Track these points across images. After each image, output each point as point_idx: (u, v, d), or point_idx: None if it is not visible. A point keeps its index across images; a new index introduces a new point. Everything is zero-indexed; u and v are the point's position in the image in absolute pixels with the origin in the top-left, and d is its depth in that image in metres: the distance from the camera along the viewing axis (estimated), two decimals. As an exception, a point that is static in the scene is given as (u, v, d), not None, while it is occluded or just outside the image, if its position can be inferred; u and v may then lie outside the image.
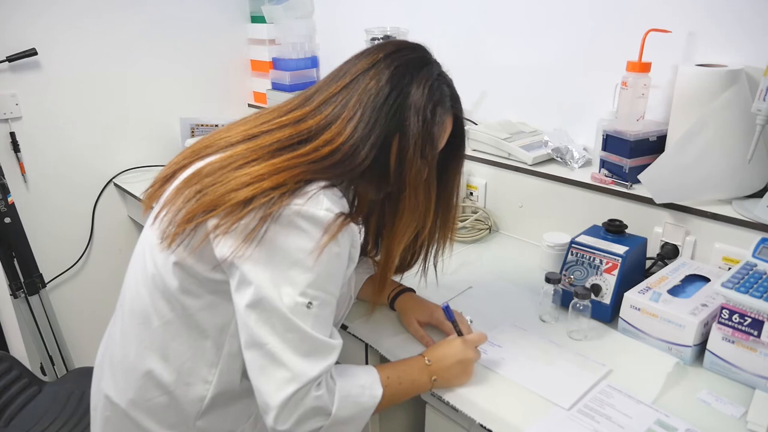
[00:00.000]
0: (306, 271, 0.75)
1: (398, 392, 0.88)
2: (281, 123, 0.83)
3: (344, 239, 0.78)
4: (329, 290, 0.78)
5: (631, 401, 0.88)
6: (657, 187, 1.16)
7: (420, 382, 0.90)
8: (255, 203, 0.74)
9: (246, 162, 0.78)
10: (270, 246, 0.75)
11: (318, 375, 0.75)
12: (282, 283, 0.75)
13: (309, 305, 0.75)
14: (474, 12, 1.65)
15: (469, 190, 1.60)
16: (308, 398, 0.75)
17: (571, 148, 1.42)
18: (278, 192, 0.74)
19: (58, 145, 1.89)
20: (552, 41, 1.49)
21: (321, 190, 0.77)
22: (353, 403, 0.80)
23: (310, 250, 0.75)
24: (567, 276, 1.14)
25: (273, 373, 0.75)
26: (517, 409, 0.88)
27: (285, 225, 0.75)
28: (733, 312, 0.91)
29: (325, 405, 0.76)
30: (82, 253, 2.02)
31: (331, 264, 0.77)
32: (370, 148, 0.80)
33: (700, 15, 1.21)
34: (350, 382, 0.81)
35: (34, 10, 1.75)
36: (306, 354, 0.75)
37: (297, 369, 0.74)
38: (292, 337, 0.75)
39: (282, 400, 0.73)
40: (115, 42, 1.93)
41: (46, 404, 1.42)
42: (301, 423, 0.75)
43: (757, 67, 1.14)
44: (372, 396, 0.83)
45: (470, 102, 1.75)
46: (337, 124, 0.80)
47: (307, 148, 0.79)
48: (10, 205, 1.71)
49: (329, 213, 0.76)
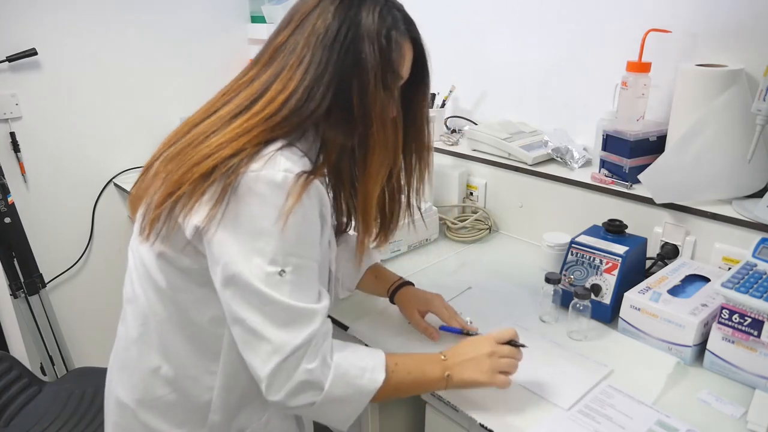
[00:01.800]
0: (273, 239, 0.72)
1: (406, 382, 0.84)
2: (238, 89, 0.80)
3: (309, 199, 0.75)
4: (303, 254, 0.76)
5: (631, 401, 0.88)
6: (657, 187, 1.16)
7: (432, 375, 0.86)
8: (216, 174, 0.72)
9: (206, 136, 0.77)
10: (233, 218, 0.73)
11: (302, 343, 0.73)
12: (250, 255, 0.73)
13: (282, 273, 0.73)
14: (474, 12, 1.65)
15: (469, 190, 1.60)
16: (299, 370, 0.73)
17: (571, 148, 1.42)
18: (238, 158, 0.72)
19: (58, 145, 1.89)
20: (552, 41, 1.49)
21: (278, 152, 0.74)
22: (349, 383, 0.77)
23: (274, 216, 0.72)
24: (567, 276, 1.14)
25: (257, 347, 0.74)
26: (517, 409, 0.88)
27: (244, 194, 0.72)
28: (733, 312, 0.91)
29: (317, 379, 0.75)
30: (82, 253, 2.02)
31: (300, 227, 0.74)
32: (326, 87, 0.76)
33: (700, 15, 1.21)
34: (351, 361, 0.79)
35: (34, 10, 1.75)
36: (286, 324, 0.73)
37: (279, 340, 0.73)
38: (269, 309, 0.73)
39: (269, 372, 0.73)
40: (115, 42, 1.93)
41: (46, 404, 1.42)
42: (293, 395, 0.74)
43: (757, 67, 1.14)
44: (372, 380, 0.79)
45: (470, 102, 1.75)
46: (286, 72, 0.77)
47: (261, 105, 0.76)
48: (10, 205, 1.71)
49: (288, 174, 0.73)
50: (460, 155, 1.60)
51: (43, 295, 1.85)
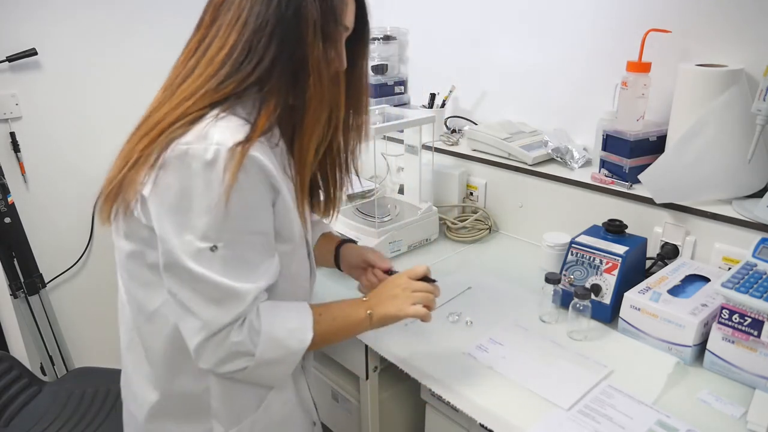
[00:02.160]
0: (204, 214, 0.71)
1: (332, 329, 0.86)
2: (186, 56, 0.78)
3: (245, 173, 0.72)
4: (238, 229, 0.73)
5: (631, 401, 0.88)
6: (657, 187, 1.16)
7: (356, 317, 0.87)
8: (160, 140, 0.72)
9: (158, 108, 0.76)
10: (166, 194, 0.72)
11: (230, 321, 0.74)
12: (182, 231, 0.72)
13: (213, 249, 0.72)
14: (474, 12, 1.65)
15: (469, 190, 1.60)
16: (227, 343, 0.75)
17: (571, 148, 1.42)
18: (181, 123, 0.72)
19: (58, 145, 1.89)
20: (552, 41, 1.49)
21: (213, 122, 0.72)
22: (279, 345, 0.79)
23: (205, 191, 0.70)
24: (567, 276, 1.14)
25: (187, 322, 0.75)
26: (517, 409, 0.88)
27: (175, 168, 0.71)
28: (733, 312, 0.91)
29: (247, 349, 0.76)
30: (82, 253, 2.02)
31: (236, 201, 0.71)
32: (268, 40, 0.73)
33: (701, 15, 1.21)
34: (278, 323, 0.79)
35: (34, 10, 1.75)
36: (216, 301, 0.74)
37: (206, 317, 0.74)
38: (199, 286, 0.73)
39: (196, 344, 0.74)
40: (115, 42, 1.93)
41: (46, 404, 1.42)
42: (223, 363, 0.76)
43: (757, 67, 1.14)
44: (300, 340, 0.80)
45: (470, 102, 1.75)
46: (225, 28, 0.74)
47: (203, 66, 0.74)
48: (10, 205, 1.71)
49: (220, 148, 0.70)
50: (460, 155, 1.60)
51: (43, 295, 1.84)
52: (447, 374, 0.97)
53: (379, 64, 1.80)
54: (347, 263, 1.08)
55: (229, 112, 0.74)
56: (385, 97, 1.81)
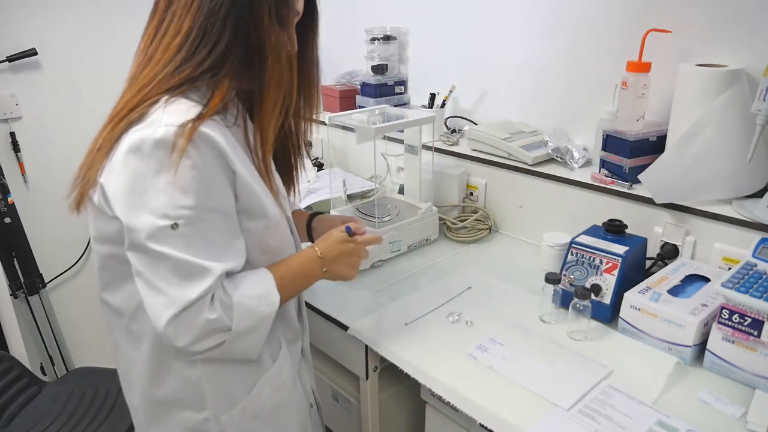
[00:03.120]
0: (160, 192, 0.72)
1: (293, 288, 0.89)
2: (145, 45, 0.80)
3: (197, 149, 0.72)
4: (197, 206, 0.73)
5: (631, 401, 0.88)
6: (657, 187, 1.16)
7: (313, 274, 0.91)
8: (121, 127, 0.73)
9: (122, 97, 0.78)
10: (120, 178, 0.73)
11: (197, 297, 0.74)
12: (139, 212, 0.72)
13: (174, 226, 0.72)
14: (474, 12, 1.65)
15: (469, 190, 1.60)
16: (200, 321, 0.74)
17: (571, 148, 1.42)
18: (140, 109, 0.73)
19: (58, 145, 1.89)
20: (552, 41, 1.49)
21: (162, 107, 0.73)
22: (252, 314, 0.79)
23: (159, 169, 0.71)
24: (567, 276, 1.14)
25: (153, 301, 0.75)
26: (517, 409, 0.88)
27: (128, 154, 0.72)
28: (733, 312, 0.91)
29: (223, 324, 0.76)
30: (82, 253, 2.02)
31: (190, 178, 0.72)
32: (222, 23, 0.74)
33: (700, 15, 1.21)
34: (246, 293, 0.79)
35: (34, 10, 1.75)
36: (181, 278, 0.74)
37: (173, 294, 0.73)
38: (163, 264, 0.73)
39: (165, 322, 0.74)
40: (115, 41, 1.93)
41: (46, 404, 1.43)
42: (199, 341, 0.76)
43: (757, 67, 1.14)
44: (269, 304, 0.81)
45: (470, 102, 1.75)
46: (180, 12, 0.75)
47: (160, 52, 0.76)
48: (10, 205, 1.71)
49: (170, 128, 0.71)
50: (460, 155, 1.60)
51: (43, 295, 1.85)
52: (447, 374, 0.97)
53: (379, 64, 1.80)
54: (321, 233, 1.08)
55: (180, 96, 0.75)
56: (385, 97, 1.81)
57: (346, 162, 1.92)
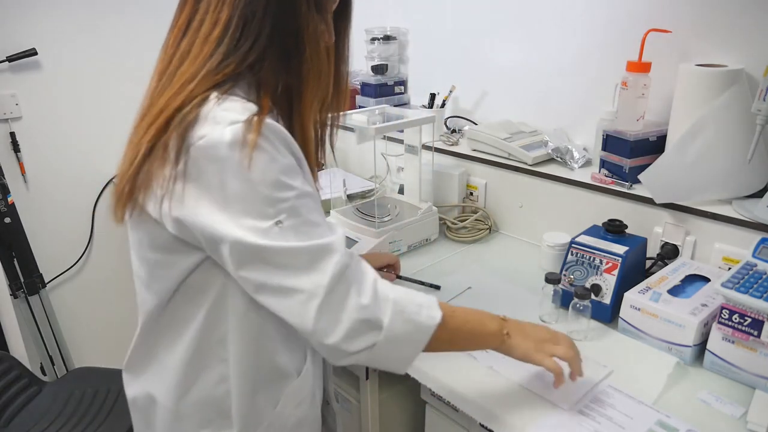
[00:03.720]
0: (252, 194, 0.67)
1: (464, 330, 0.80)
2: (177, 38, 0.74)
3: (267, 140, 0.69)
4: (289, 194, 0.69)
5: (631, 401, 0.88)
6: (657, 187, 1.16)
7: (490, 328, 0.82)
8: (170, 130, 0.68)
9: (160, 95, 0.72)
10: (204, 190, 0.67)
11: (332, 278, 0.68)
12: (239, 219, 0.67)
13: (279, 224, 0.68)
14: (474, 12, 1.65)
15: (469, 190, 1.60)
16: (350, 308, 0.69)
17: (571, 148, 1.42)
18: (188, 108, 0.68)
19: (58, 145, 1.89)
20: (552, 41, 1.49)
21: (216, 107, 0.69)
22: (408, 319, 0.73)
23: (239, 171, 0.66)
24: (567, 276, 1.14)
25: (291, 304, 0.69)
26: (517, 409, 0.88)
27: (202, 165, 0.67)
28: (733, 312, 0.91)
29: (375, 317, 0.70)
30: (82, 253, 2.02)
31: (272, 168, 0.68)
32: (263, 12, 0.70)
33: (701, 15, 1.21)
34: (406, 298, 0.74)
35: (34, 10, 1.75)
36: (307, 267, 0.69)
37: (307, 286, 0.68)
38: (282, 259, 0.68)
39: (313, 319, 0.68)
40: (115, 41, 1.93)
41: (46, 404, 1.43)
42: (352, 337, 0.70)
43: (757, 67, 1.14)
44: (430, 317, 0.74)
45: (470, 102, 1.75)
46: (216, 2, 0.71)
47: (199, 46, 0.71)
48: (10, 205, 1.71)
49: (236, 125, 0.67)
50: (460, 155, 1.60)
51: (43, 295, 1.85)
52: (447, 374, 0.97)
53: (379, 64, 1.80)
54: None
55: (228, 93, 0.71)
56: (385, 97, 1.80)
57: (346, 162, 1.92)
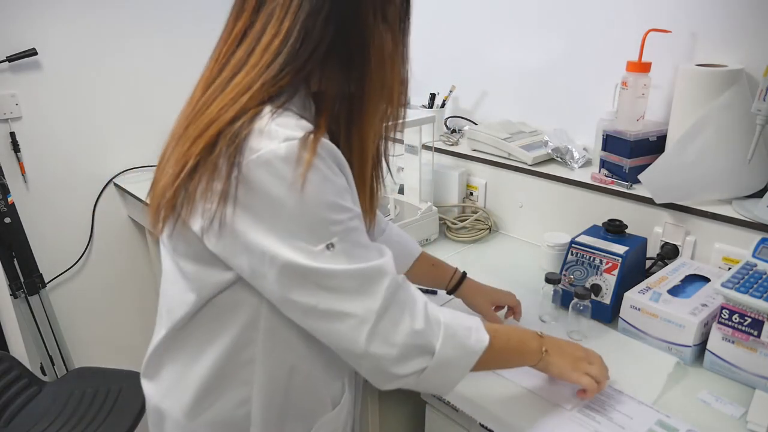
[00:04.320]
0: (305, 216, 0.65)
1: (507, 349, 0.81)
2: (231, 46, 0.71)
3: (322, 160, 0.66)
4: (341, 218, 0.67)
5: (631, 402, 0.88)
6: (657, 187, 1.16)
7: (530, 346, 0.83)
8: (221, 143, 0.64)
9: (209, 105, 0.68)
10: (255, 210, 0.65)
11: (384, 302, 0.67)
12: (291, 241, 0.64)
13: (330, 246, 0.66)
14: (474, 12, 1.65)
15: (469, 190, 1.60)
16: (402, 332, 0.67)
17: (571, 148, 1.42)
18: (241, 122, 0.65)
19: (58, 145, 1.89)
20: (552, 41, 1.49)
21: (271, 122, 0.65)
22: (459, 344, 0.72)
23: (293, 190, 0.63)
24: (567, 276, 1.14)
25: (341, 328, 0.67)
26: (517, 409, 0.88)
27: (254, 181, 0.64)
28: (733, 312, 0.91)
29: (428, 341, 0.69)
30: (82, 253, 2.02)
31: (324, 191, 0.65)
32: (325, 23, 0.67)
33: (700, 15, 1.21)
34: (456, 322, 0.73)
35: (34, 10, 1.75)
36: (358, 291, 0.67)
37: (358, 310, 0.66)
38: (334, 283, 0.66)
39: (364, 344, 0.66)
40: (115, 41, 1.93)
41: (46, 404, 1.43)
42: (403, 361, 0.68)
43: (757, 67, 1.14)
44: (479, 340, 0.74)
45: (470, 102, 1.75)
46: (279, 11, 0.67)
47: (257, 55, 0.67)
48: (10, 205, 1.71)
49: (291, 142, 0.64)
50: (460, 155, 1.60)
51: (43, 295, 1.85)
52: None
53: (379, 64, 1.80)
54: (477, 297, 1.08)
55: (284, 108, 0.68)
56: (385, 97, 1.80)
57: (346, 162, 1.92)
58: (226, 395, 0.77)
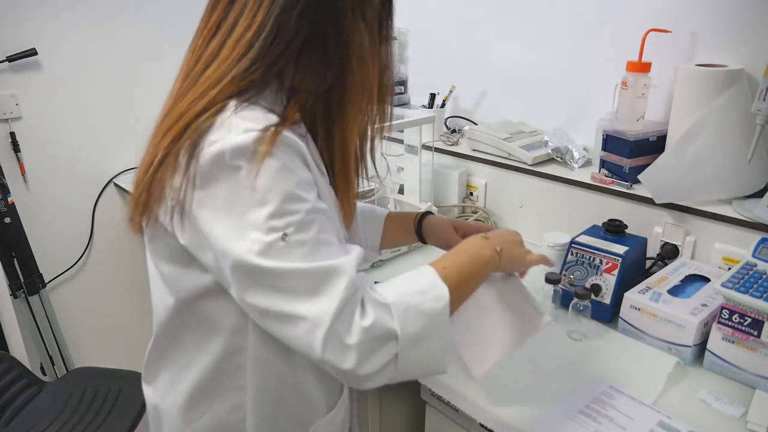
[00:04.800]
0: (258, 206, 0.63)
1: (463, 277, 0.75)
2: (206, 39, 0.70)
3: (282, 150, 0.64)
4: (300, 208, 0.64)
5: (632, 402, 0.88)
6: (657, 187, 1.16)
7: (484, 256, 0.79)
8: (187, 135, 0.64)
9: (182, 98, 0.69)
10: (213, 201, 0.64)
11: (340, 305, 0.62)
12: (243, 232, 0.63)
13: (285, 237, 0.63)
14: (474, 12, 1.65)
15: (469, 190, 1.60)
16: (356, 333, 0.62)
17: (571, 148, 1.42)
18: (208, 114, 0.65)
19: (58, 145, 1.89)
20: (552, 41, 1.49)
21: (234, 115, 0.65)
22: (418, 313, 0.66)
23: (250, 181, 0.62)
24: (567, 276, 1.14)
25: (294, 333, 0.63)
26: (517, 409, 0.88)
27: (213, 172, 0.63)
28: (733, 312, 0.91)
29: (386, 327, 0.64)
30: (82, 253, 2.02)
31: (283, 180, 0.64)
32: (299, 18, 0.66)
33: (700, 15, 1.21)
34: (404, 291, 0.68)
35: (34, 10, 1.75)
36: (312, 292, 0.63)
37: (312, 313, 0.62)
38: (286, 284, 0.63)
39: (320, 349, 0.62)
40: (115, 41, 1.93)
41: (46, 404, 1.43)
42: (369, 357, 0.63)
43: (757, 67, 1.14)
44: (437, 297, 0.68)
45: (470, 102, 1.75)
46: (251, 5, 0.66)
47: (229, 48, 0.67)
48: (10, 205, 1.71)
49: (250, 134, 0.63)
50: (460, 155, 1.60)
51: (43, 295, 1.85)
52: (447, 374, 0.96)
53: (379, 64, 1.80)
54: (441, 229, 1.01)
55: (250, 102, 0.67)
56: (385, 97, 1.80)
57: (346, 162, 1.92)
58: (219, 400, 0.76)
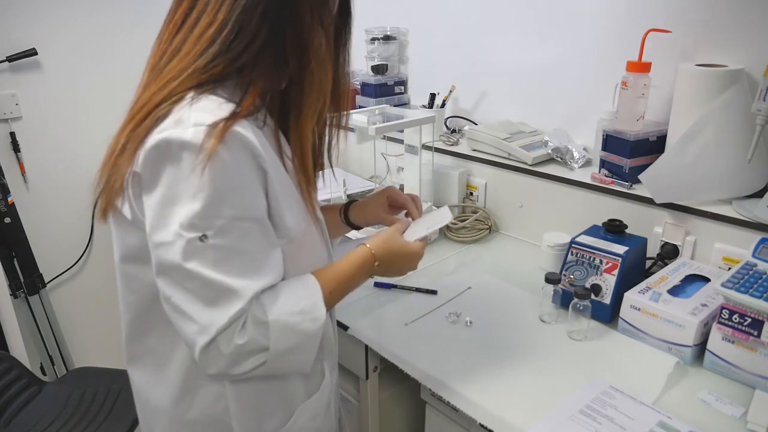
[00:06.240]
0: (189, 201, 0.65)
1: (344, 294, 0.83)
2: (171, 33, 0.73)
3: (229, 150, 0.66)
4: (228, 214, 0.67)
5: (632, 402, 0.88)
6: (657, 187, 1.16)
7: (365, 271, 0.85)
8: (146, 123, 0.67)
9: (146, 90, 0.72)
10: (148, 185, 0.67)
11: (227, 323, 0.67)
12: (168, 222, 0.66)
13: (203, 238, 0.65)
14: (474, 12, 1.65)
15: (469, 190, 1.60)
16: (231, 346, 0.67)
17: (571, 148, 1.42)
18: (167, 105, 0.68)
19: (58, 145, 1.89)
20: (552, 41, 1.49)
21: (188, 105, 0.67)
22: (292, 332, 0.72)
23: (189, 175, 0.64)
24: (567, 276, 1.14)
25: (184, 327, 0.69)
26: (518, 409, 0.88)
27: (156, 159, 0.65)
28: (733, 312, 0.91)
29: (258, 345, 0.69)
30: (82, 253, 2.02)
31: (222, 182, 0.65)
32: (260, 19, 0.68)
33: (700, 15, 1.21)
34: (286, 309, 0.72)
35: (34, 10, 1.75)
36: (210, 302, 0.67)
37: (203, 321, 0.67)
38: (191, 285, 0.67)
39: (199, 351, 0.68)
40: (115, 41, 1.93)
41: (46, 404, 1.43)
42: (235, 365, 0.69)
43: (757, 67, 1.14)
44: (313, 320, 0.74)
45: (470, 102, 1.75)
46: (214, 2, 0.69)
47: (191, 43, 0.70)
48: (10, 205, 1.71)
49: (199, 127, 0.65)
50: (460, 155, 1.60)
51: (43, 295, 1.85)
52: (447, 374, 0.97)
53: (379, 64, 1.80)
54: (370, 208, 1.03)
55: (208, 92, 0.69)
56: (385, 97, 1.81)
57: (346, 162, 1.92)
58: (201, 392, 0.79)
